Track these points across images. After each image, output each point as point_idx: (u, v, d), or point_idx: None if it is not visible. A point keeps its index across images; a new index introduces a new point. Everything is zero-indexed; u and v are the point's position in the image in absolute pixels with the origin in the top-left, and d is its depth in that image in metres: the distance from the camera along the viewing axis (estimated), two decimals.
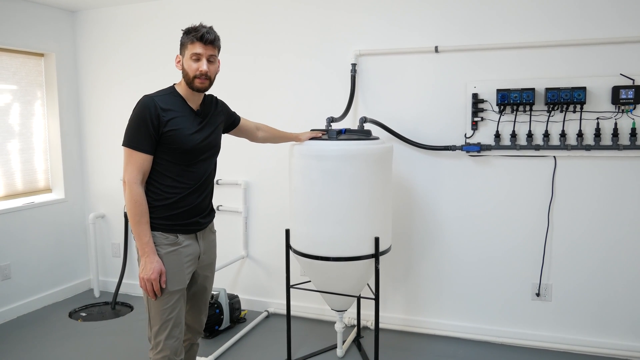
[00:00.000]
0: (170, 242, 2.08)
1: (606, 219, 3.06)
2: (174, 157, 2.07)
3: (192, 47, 2.06)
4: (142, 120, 2.00)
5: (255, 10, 3.69)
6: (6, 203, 3.87)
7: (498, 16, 3.13)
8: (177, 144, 2.05)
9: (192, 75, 2.07)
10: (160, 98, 2.06)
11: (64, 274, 4.27)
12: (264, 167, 3.78)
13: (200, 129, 2.15)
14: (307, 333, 3.50)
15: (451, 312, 3.42)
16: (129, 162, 2.02)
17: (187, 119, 2.10)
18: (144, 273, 2.00)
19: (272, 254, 3.81)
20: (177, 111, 2.07)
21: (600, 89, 2.96)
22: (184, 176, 2.11)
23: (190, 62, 2.07)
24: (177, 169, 2.09)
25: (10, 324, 3.72)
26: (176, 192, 2.09)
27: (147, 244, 2.01)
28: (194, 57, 2.06)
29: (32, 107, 4.10)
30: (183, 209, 2.11)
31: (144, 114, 2.00)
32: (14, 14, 3.81)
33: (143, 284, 2.02)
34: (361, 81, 3.46)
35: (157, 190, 2.07)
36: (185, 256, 2.12)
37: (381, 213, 2.81)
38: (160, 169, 2.07)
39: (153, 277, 2.00)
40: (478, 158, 3.25)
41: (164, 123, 2.02)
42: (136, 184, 2.01)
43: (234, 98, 3.79)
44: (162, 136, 2.03)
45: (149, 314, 2.10)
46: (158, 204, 2.07)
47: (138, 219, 2.01)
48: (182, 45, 2.10)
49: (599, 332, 3.13)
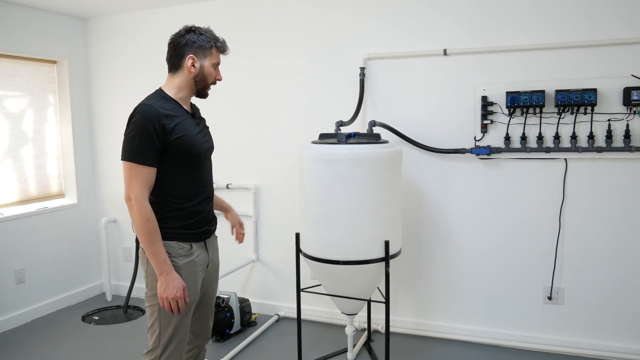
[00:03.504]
0: (185, 253, 2.01)
1: (618, 221, 3.03)
2: (182, 165, 1.99)
3: (217, 56, 2.06)
4: (146, 131, 1.87)
5: (263, 15, 3.71)
6: (20, 208, 3.92)
7: (507, 18, 3.12)
8: (185, 150, 1.97)
9: (210, 82, 2.06)
10: (160, 105, 1.94)
11: (76, 277, 4.31)
12: (274, 171, 3.80)
13: (199, 131, 2.09)
14: (318, 337, 3.50)
15: (462, 315, 3.40)
16: (133, 178, 1.88)
17: (188, 123, 2.03)
18: (167, 292, 1.89)
19: (283, 257, 3.82)
20: (179, 116, 1.98)
21: (611, 90, 2.93)
22: (193, 183, 2.04)
23: (211, 68, 2.05)
24: (186, 176, 2.01)
25: (24, 327, 3.76)
26: (189, 201, 2.02)
27: (165, 262, 1.91)
28: (215, 64, 2.06)
29: (45, 113, 4.15)
30: (197, 217, 2.05)
31: (147, 124, 1.87)
32: (27, 23, 3.87)
33: (166, 303, 1.91)
34: (370, 85, 3.46)
35: (168, 202, 1.99)
36: (198, 266, 2.07)
37: (391, 216, 2.81)
38: (170, 179, 1.98)
39: (179, 295, 1.91)
40: (488, 161, 3.24)
41: (169, 131, 1.91)
42: (144, 199, 1.89)
43: (242, 101, 3.83)
44: (169, 145, 1.93)
45: (159, 323, 2.00)
46: (171, 215, 1.98)
47: (152, 237, 1.90)
48: (201, 48, 2.02)
49: (611, 336, 3.10)
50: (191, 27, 2.05)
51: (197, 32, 2.04)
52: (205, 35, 2.04)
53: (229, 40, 2.19)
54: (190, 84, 2.04)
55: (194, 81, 2.04)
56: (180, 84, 2.03)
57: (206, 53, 2.04)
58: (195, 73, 2.03)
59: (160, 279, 1.91)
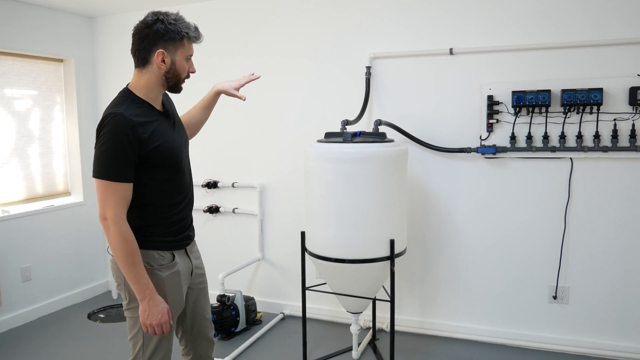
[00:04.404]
0: (168, 263, 1.86)
1: (624, 221, 3.03)
2: (161, 173, 1.83)
3: (189, 48, 1.86)
4: (119, 144, 1.69)
5: (270, 14, 3.72)
6: (27, 206, 3.95)
7: (513, 18, 3.13)
8: (163, 158, 1.81)
9: (183, 77, 1.87)
10: (131, 112, 1.73)
11: (82, 276, 4.33)
12: (279, 170, 3.81)
13: (175, 130, 1.92)
14: (323, 335, 3.51)
15: (467, 314, 3.41)
16: (108, 196, 1.70)
17: (163, 126, 1.85)
18: (151, 319, 1.75)
19: (288, 256, 3.83)
20: (153, 121, 1.80)
21: (617, 90, 2.93)
22: (175, 190, 1.90)
23: (183, 63, 1.84)
24: (167, 184, 1.86)
25: (30, 325, 3.78)
26: (171, 209, 1.88)
27: (147, 286, 1.75)
28: (188, 57, 1.87)
29: (52, 112, 4.17)
30: (179, 225, 1.91)
31: (120, 136, 1.69)
32: (34, 21, 3.89)
33: (151, 329, 1.77)
34: (376, 84, 3.47)
35: (149, 212, 1.83)
36: (182, 275, 1.93)
37: (396, 215, 2.81)
38: (149, 189, 1.81)
39: (164, 321, 1.77)
40: (493, 160, 3.24)
41: (145, 141, 1.73)
42: (122, 219, 1.71)
43: (248, 101, 3.84)
44: (145, 155, 1.75)
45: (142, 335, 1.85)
46: (152, 224, 1.83)
47: (132, 259, 1.72)
48: (171, 40, 1.79)
49: (617, 336, 3.09)
50: (158, 14, 1.80)
51: (165, 21, 1.78)
52: (175, 24, 1.79)
53: (235, 41, 2.18)
54: (160, 80, 1.83)
55: (165, 78, 1.83)
56: (150, 83, 1.82)
57: (177, 46, 1.81)
58: (166, 69, 1.81)
59: (142, 305, 1.75)
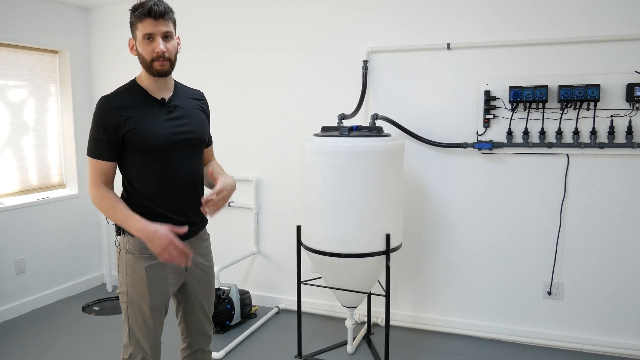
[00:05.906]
0: (151, 253, 1.81)
1: (619, 217, 3.04)
2: (145, 159, 1.84)
3: (143, 27, 1.79)
4: (98, 124, 1.80)
5: (267, 8, 3.69)
6: (21, 198, 3.92)
7: (510, 13, 3.11)
8: (140, 143, 1.81)
9: (149, 59, 1.81)
10: (116, 96, 1.84)
11: (77, 268, 4.32)
12: (276, 163, 3.79)
13: (169, 119, 1.87)
14: (318, 329, 3.52)
15: (462, 309, 3.41)
16: (89, 169, 1.84)
17: (149, 112, 1.84)
18: (157, 247, 1.72)
19: (283, 250, 3.83)
20: (136, 107, 1.83)
21: (614, 86, 2.93)
22: (164, 179, 1.87)
23: (144, 44, 1.80)
24: (155, 172, 1.85)
25: (24, 317, 3.77)
26: (155, 200, 1.86)
27: (134, 226, 1.76)
28: (147, 37, 1.79)
29: (47, 104, 4.14)
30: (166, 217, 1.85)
31: (99, 117, 1.80)
32: (29, 12, 3.85)
33: (167, 256, 1.73)
34: (373, 78, 3.46)
35: (136, 202, 1.85)
36: (169, 268, 1.90)
37: (392, 210, 2.81)
38: (135, 175, 1.86)
39: (166, 242, 1.72)
40: (490, 155, 3.24)
41: (121, 124, 1.78)
42: (96, 187, 1.83)
43: (245, 94, 3.82)
44: (123, 138, 1.80)
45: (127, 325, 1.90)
46: (137, 211, 1.81)
47: (112, 213, 1.81)
48: (131, 26, 1.83)
49: (611, 332, 3.11)
50: None
51: (131, 9, 1.82)
52: (131, 11, 1.82)
53: (233, 35, 2.16)
54: (142, 67, 1.88)
55: (141, 64, 1.87)
56: (142, 72, 1.90)
57: (134, 29, 1.83)
58: (137, 55, 1.87)
59: (147, 241, 1.75)
